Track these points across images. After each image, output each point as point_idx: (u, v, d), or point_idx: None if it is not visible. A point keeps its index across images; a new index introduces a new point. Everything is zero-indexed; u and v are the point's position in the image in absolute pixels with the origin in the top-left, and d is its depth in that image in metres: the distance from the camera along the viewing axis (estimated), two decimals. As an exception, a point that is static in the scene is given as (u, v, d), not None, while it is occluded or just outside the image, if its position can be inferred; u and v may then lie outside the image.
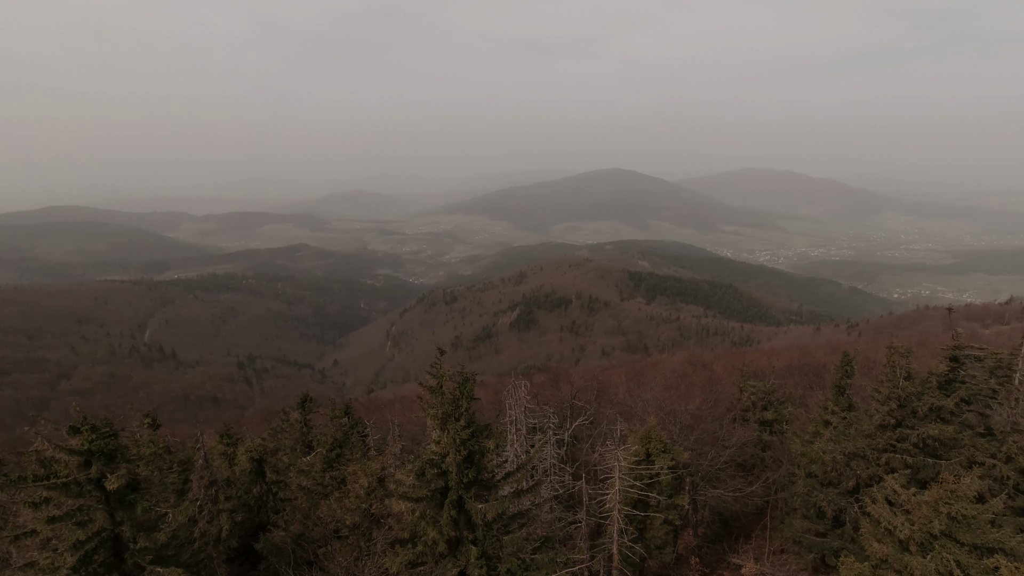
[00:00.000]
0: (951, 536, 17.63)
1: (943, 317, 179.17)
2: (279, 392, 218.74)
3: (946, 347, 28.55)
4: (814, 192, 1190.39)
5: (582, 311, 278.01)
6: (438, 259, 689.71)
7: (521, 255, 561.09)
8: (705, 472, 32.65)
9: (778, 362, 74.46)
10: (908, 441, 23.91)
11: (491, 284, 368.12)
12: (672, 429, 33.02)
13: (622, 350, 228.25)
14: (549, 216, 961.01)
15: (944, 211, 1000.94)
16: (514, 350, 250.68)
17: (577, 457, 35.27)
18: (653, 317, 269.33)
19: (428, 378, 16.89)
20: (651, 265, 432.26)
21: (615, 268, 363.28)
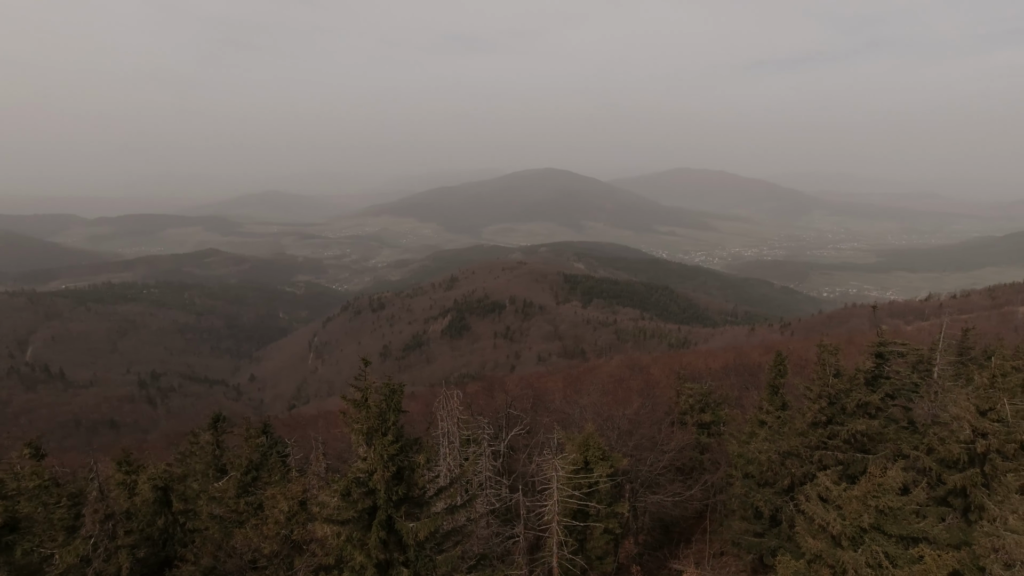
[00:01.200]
0: (879, 529, 18.80)
1: (869, 315, 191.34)
2: (188, 412, 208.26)
3: (871, 344, 30.47)
4: (747, 192, 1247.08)
5: (517, 316, 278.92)
6: (363, 264, 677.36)
7: (452, 259, 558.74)
8: (644, 478, 33.43)
9: (715, 363, 77.30)
10: (839, 437, 25.33)
11: (421, 289, 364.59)
12: (610, 435, 33.63)
13: (559, 355, 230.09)
14: (481, 218, 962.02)
15: (868, 211, 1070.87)
16: (446, 358, 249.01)
17: (514, 468, 35.33)
18: (590, 321, 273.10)
19: (352, 391, 16.51)
20: (587, 267, 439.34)
21: (550, 271, 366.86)
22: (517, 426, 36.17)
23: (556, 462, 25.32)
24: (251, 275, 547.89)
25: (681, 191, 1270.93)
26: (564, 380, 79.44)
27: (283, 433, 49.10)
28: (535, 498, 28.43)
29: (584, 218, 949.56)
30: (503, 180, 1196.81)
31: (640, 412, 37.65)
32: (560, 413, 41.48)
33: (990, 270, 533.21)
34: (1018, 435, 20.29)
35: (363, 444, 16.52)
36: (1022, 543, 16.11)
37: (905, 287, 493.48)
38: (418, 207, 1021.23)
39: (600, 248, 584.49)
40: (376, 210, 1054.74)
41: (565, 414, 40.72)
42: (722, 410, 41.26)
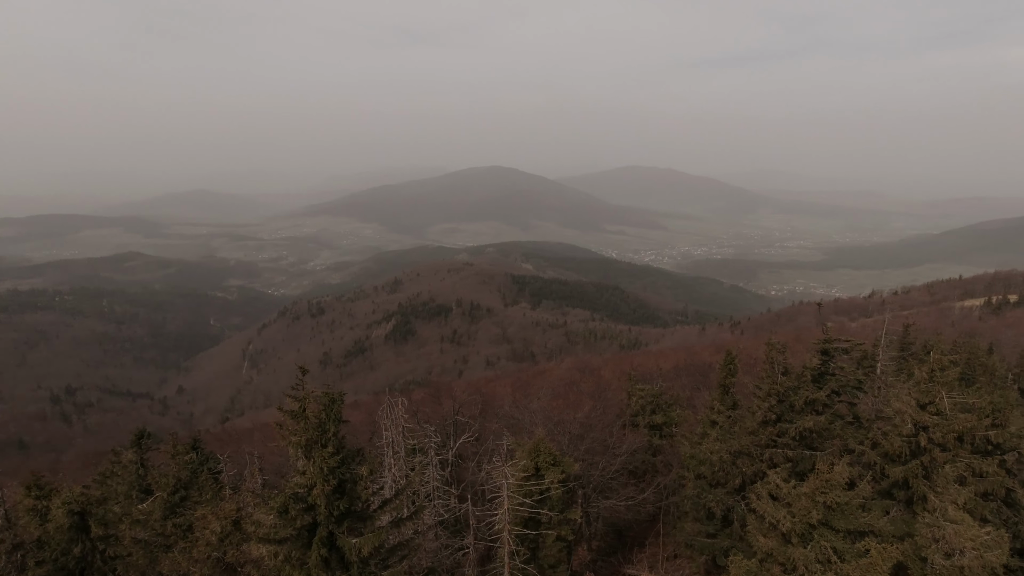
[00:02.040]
0: (828, 524, 19.58)
1: (816, 312, 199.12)
2: (108, 429, 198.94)
3: (817, 341, 31.72)
4: (695, 190, 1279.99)
5: (464, 319, 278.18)
6: (301, 267, 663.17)
7: (395, 260, 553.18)
8: (597, 482, 33.83)
9: (666, 364, 78.86)
10: (787, 435, 26.25)
11: (363, 293, 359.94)
12: (561, 440, 33.88)
13: (508, 359, 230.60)
14: (425, 217, 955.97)
15: (812, 209, 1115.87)
16: (391, 365, 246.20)
17: (463, 477, 35.21)
18: (539, 323, 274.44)
19: (289, 401, 16.13)
20: (535, 268, 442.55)
21: (498, 272, 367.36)
22: (465, 433, 36.08)
23: (506, 469, 25.34)
24: (178, 280, 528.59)
25: (630, 189, 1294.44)
26: (513, 384, 79.66)
27: (215, 448, 47.55)
28: (485, 507, 28.38)
29: (532, 217, 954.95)
30: (448, 178, 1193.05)
31: (591, 415, 38.07)
32: (509, 418, 41.56)
33: (928, 266, 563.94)
34: (955, 427, 21.47)
35: (301, 457, 16.16)
36: (961, 532, 17.07)
37: (849, 284, 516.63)
38: (359, 207, 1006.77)
39: (548, 248, 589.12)
40: (314, 210, 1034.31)
41: (515, 419, 40.82)
42: (674, 411, 42.14)
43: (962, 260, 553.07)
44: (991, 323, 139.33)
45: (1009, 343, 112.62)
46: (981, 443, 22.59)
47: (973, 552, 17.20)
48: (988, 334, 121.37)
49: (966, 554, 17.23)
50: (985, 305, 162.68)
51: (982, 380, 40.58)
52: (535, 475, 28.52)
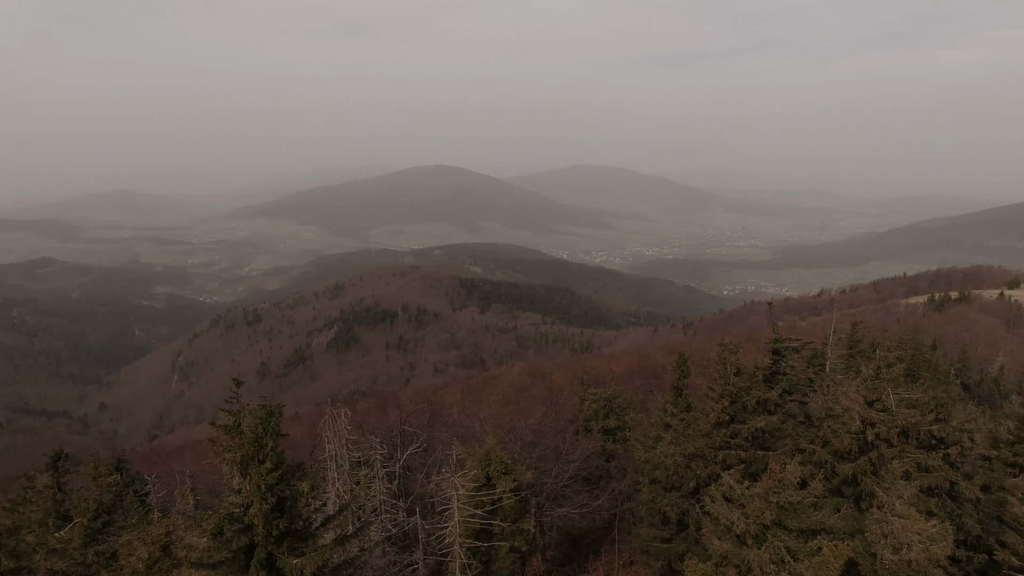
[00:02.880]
0: (781, 524, 20.21)
1: (767, 312, 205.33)
2: (20, 452, 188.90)
3: (769, 341, 32.74)
4: (646, 189, 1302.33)
5: (410, 325, 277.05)
6: (236, 272, 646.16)
7: (337, 264, 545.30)
8: (550, 491, 34.03)
9: (619, 367, 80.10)
10: (741, 436, 27.00)
11: (303, 299, 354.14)
12: (513, 448, 33.98)
13: (456, 365, 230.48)
14: (368, 219, 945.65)
15: (762, 208, 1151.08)
16: (333, 374, 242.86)
17: (411, 490, 34.94)
18: (488, 327, 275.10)
19: (222, 415, 15.70)
20: (484, 271, 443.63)
21: (445, 275, 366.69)
22: (413, 444, 35.80)
23: (456, 480, 25.26)
24: (98, 288, 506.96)
25: (580, 189, 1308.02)
26: (463, 391, 79.61)
27: (142, 468, 45.88)
28: (435, 520, 28.24)
29: (480, 218, 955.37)
30: (392, 178, 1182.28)
31: (543, 421, 38.31)
32: (459, 427, 41.48)
33: (874, 264, 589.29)
34: (901, 423, 22.50)
35: (237, 475, 15.75)
36: (908, 527, 17.89)
37: (799, 283, 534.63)
38: (297, 208, 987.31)
39: (497, 250, 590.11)
40: (249, 211, 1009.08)
41: (464, 428, 40.76)
42: (627, 415, 42.72)
43: (906, 258, 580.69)
44: (934, 320, 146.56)
45: (951, 339, 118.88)
46: (926, 438, 23.74)
47: (920, 546, 18.06)
48: (932, 330, 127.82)
49: (913, 548, 18.08)
50: (928, 302, 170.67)
51: (926, 376, 42.61)
52: (486, 485, 28.51)
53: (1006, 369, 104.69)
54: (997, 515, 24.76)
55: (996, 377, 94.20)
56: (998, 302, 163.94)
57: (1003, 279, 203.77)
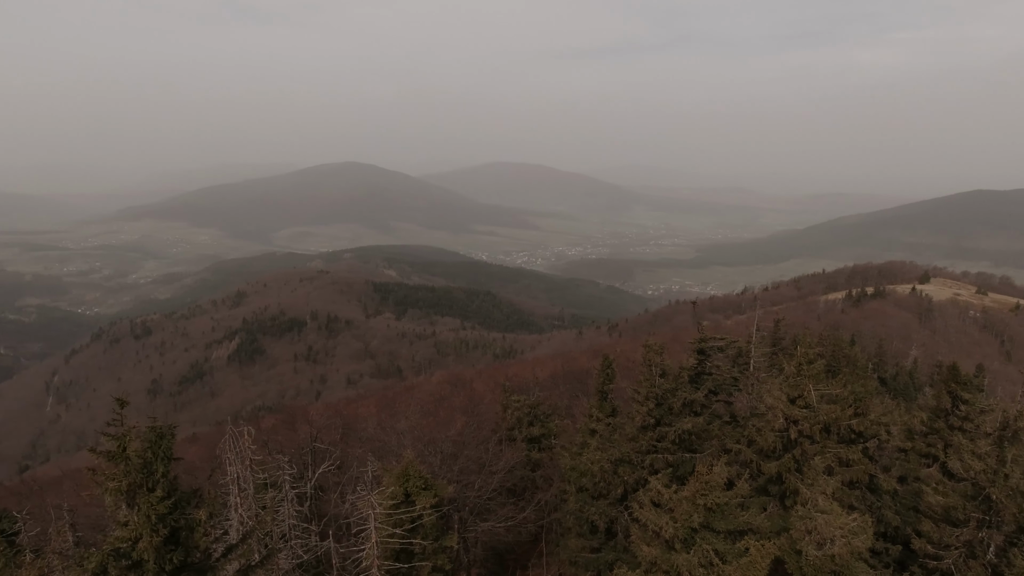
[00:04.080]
0: (709, 527, 20.94)
1: (692, 311, 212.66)
2: None
3: (693, 341, 33.91)
4: (567, 187, 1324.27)
5: (320, 334, 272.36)
6: (120, 280, 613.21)
7: (237, 270, 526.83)
8: (473, 504, 34.00)
9: (542, 372, 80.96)
10: (667, 439, 27.81)
11: (199, 308, 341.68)
12: (433, 461, 33.79)
13: (371, 376, 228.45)
14: (271, 220, 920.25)
15: (685, 206, 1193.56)
16: (235, 389, 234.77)
17: (324, 511, 34.28)
18: (405, 334, 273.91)
19: (105, 440, 14.84)
20: (399, 274, 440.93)
21: (357, 280, 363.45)
22: (325, 462, 35.05)
23: (372, 498, 24.85)
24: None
25: (499, 187, 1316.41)
26: (378, 403, 78.69)
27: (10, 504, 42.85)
28: (350, 543, 27.69)
29: (393, 218, 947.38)
30: (296, 176, 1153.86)
31: (465, 432, 38.28)
32: (375, 441, 40.94)
33: (795, 261, 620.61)
34: (822, 418, 23.77)
35: (123, 506, 14.93)
36: (830, 522, 18.92)
37: (723, 281, 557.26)
38: (191, 209, 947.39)
39: (413, 252, 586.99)
40: (134, 213, 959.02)
41: (381, 442, 40.26)
42: (552, 422, 43.22)
43: (825, 254, 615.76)
44: (852, 315, 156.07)
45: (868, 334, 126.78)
46: (846, 432, 25.17)
47: (842, 540, 19.12)
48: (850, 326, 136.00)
49: (836, 543, 19.12)
50: (847, 298, 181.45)
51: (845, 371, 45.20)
52: (405, 502, 28.17)
53: (919, 362, 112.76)
54: (913, 505, 26.50)
55: (910, 370, 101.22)
56: (910, 297, 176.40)
57: (914, 274, 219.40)
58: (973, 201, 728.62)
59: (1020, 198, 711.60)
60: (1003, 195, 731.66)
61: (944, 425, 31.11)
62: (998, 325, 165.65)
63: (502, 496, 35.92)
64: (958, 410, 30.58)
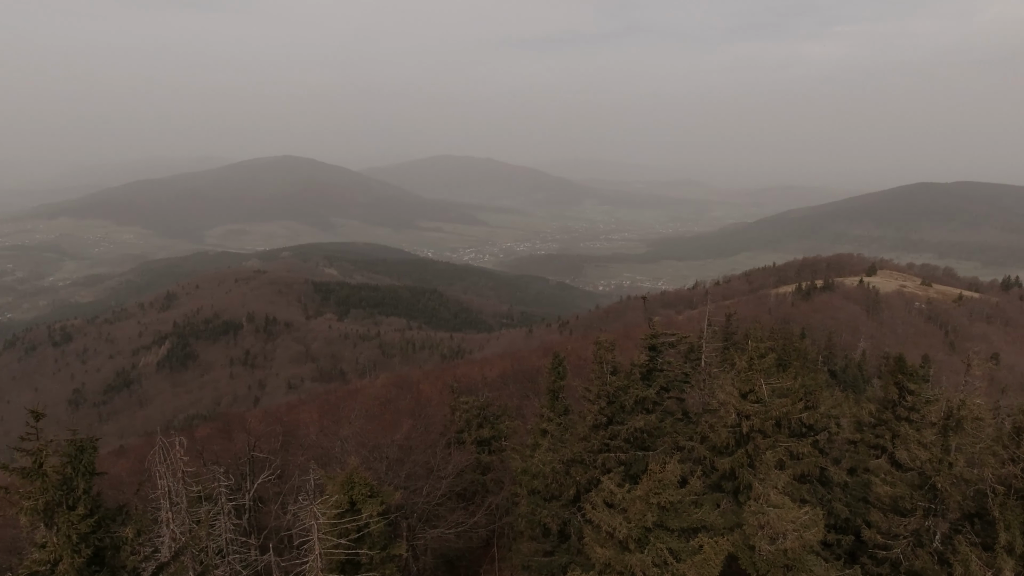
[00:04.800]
0: (663, 525, 21.28)
1: (643, 307, 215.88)
2: None
3: (644, 337, 34.39)
4: (515, 181, 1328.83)
5: (258, 337, 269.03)
6: (36, 283, 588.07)
7: (166, 270, 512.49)
8: (422, 511, 33.84)
9: (491, 372, 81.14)
10: (620, 437, 28.15)
11: (125, 312, 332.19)
12: (379, 467, 33.52)
13: (313, 380, 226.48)
14: (202, 218, 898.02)
15: (635, 200, 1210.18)
16: (167, 398, 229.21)
17: (264, 524, 33.71)
18: (348, 335, 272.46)
19: (19, 456, 14.22)
20: (341, 273, 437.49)
21: (296, 279, 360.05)
22: (265, 471, 34.42)
23: (315, 508, 24.46)
24: None
25: (444, 181, 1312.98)
26: (320, 408, 77.79)
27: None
28: (292, 555, 27.29)
29: (334, 214, 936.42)
30: (229, 170, 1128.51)
31: (411, 436, 38.11)
32: (317, 449, 40.48)
33: (745, 255, 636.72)
34: (773, 413, 24.43)
35: (41, 526, 14.35)
36: (782, 516, 19.47)
37: (674, 276, 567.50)
38: (113, 206, 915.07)
39: (355, 249, 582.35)
40: (50, 210, 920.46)
41: (323, 449, 39.82)
42: (502, 423, 43.33)
43: (775, 247, 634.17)
44: (802, 308, 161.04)
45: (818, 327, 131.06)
46: (797, 426, 25.93)
47: (794, 534, 19.70)
48: (800, 319, 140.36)
49: (788, 537, 19.69)
50: (797, 292, 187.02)
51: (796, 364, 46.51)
52: (350, 511, 27.84)
53: (867, 354, 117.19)
54: (863, 496, 27.49)
55: (859, 362, 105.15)
56: (858, 289, 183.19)
57: (862, 266, 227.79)
58: (917, 194, 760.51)
59: (962, 191, 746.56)
60: (945, 187, 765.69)
61: (891, 416, 32.34)
62: (942, 316, 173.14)
63: (452, 501, 35.85)
64: (905, 401, 31.84)
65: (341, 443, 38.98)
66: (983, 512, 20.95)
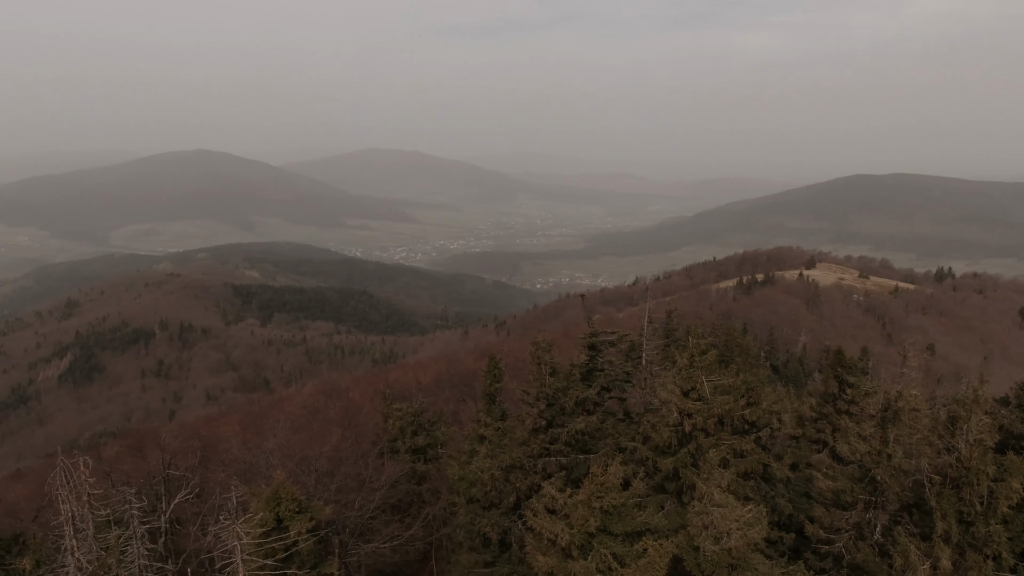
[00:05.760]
0: (606, 530, 21.61)
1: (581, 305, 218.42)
2: None
3: (584, 336, 34.80)
4: (447, 175, 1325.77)
5: (172, 345, 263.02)
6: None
7: (66, 275, 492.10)
8: (354, 525, 33.50)
9: (426, 377, 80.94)
10: (560, 440, 28.42)
11: (21, 322, 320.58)
12: (307, 481, 33.06)
13: (234, 390, 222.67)
14: (107, 217, 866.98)
15: (572, 194, 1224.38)
16: (70, 414, 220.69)
17: (182, 547, 32.79)
18: (272, 342, 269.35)
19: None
20: (262, 275, 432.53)
21: (214, 283, 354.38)
22: (182, 491, 33.47)
23: (238, 527, 23.93)
24: None
25: (372, 176, 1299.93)
26: (243, 420, 76.37)
27: None
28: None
29: (253, 213, 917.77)
30: (136, 166, 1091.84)
31: (342, 446, 37.78)
32: (240, 463, 39.62)
33: (686, 249, 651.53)
34: (716, 410, 25.08)
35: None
36: (726, 515, 20.04)
37: (614, 272, 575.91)
38: (5, 205, 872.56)
39: (278, 249, 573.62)
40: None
41: (247, 464, 39.01)
42: (438, 430, 43.27)
43: (715, 241, 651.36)
44: (744, 303, 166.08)
45: (759, 321, 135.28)
46: (739, 423, 26.68)
47: (738, 532, 20.29)
48: (742, 314, 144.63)
49: (732, 536, 20.27)
50: (737, 286, 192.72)
51: (738, 360, 47.86)
52: (277, 528, 27.35)
53: (808, 348, 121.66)
54: (805, 492, 28.51)
55: (800, 356, 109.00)
56: (798, 282, 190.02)
57: (801, 260, 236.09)
58: (853, 186, 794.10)
59: (896, 183, 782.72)
60: (880, 179, 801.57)
61: (832, 410, 33.65)
62: (880, 308, 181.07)
63: (386, 514, 35.60)
64: (844, 394, 33.18)
65: (266, 456, 38.28)
66: (921, 502, 21.98)
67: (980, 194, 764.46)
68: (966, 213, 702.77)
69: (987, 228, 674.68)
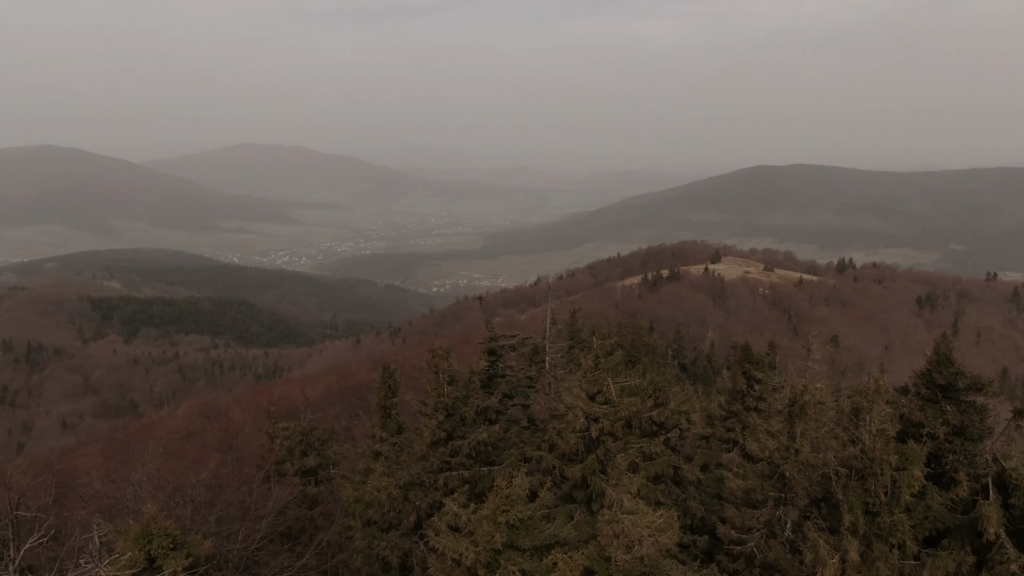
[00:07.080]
0: (514, 545, 21.71)
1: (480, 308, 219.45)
2: None
3: (483, 340, 34.93)
4: (332, 172, 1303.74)
5: (18, 368, 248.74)
6: None
7: None
8: (239, 559, 32.39)
9: (315, 391, 79.35)
10: (462, 453, 28.40)
11: None
12: (183, 513, 31.74)
13: (95, 416, 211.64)
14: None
15: (468, 190, 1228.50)
16: None
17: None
18: (139, 360, 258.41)
19: None
20: (125, 286, 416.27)
21: (67, 296, 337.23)
22: (34, 534, 31.38)
23: (102, 570, 22.71)
24: None
25: (248, 174, 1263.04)
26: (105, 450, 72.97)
27: None
28: (76, 632, 25.13)
29: (112, 216, 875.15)
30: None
31: (222, 472, 36.56)
32: (103, 498, 37.60)
33: (589, 246, 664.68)
34: (623, 413, 25.67)
35: None
36: (637, 522, 20.50)
37: (515, 272, 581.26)
38: None
39: (142, 257, 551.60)
40: None
41: (111, 499, 37.03)
42: (330, 448, 42.49)
43: (618, 236, 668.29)
44: (649, 300, 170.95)
45: (666, 319, 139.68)
46: (647, 425, 27.41)
47: (650, 539, 20.80)
48: (648, 312, 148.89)
49: (644, 543, 20.76)
50: (643, 283, 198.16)
51: (645, 360, 49.29)
52: (149, 568, 26.12)
53: (716, 344, 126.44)
54: (717, 492, 29.57)
55: (708, 354, 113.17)
56: (704, 277, 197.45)
57: (706, 254, 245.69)
58: (754, 177, 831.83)
59: (796, 173, 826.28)
60: (781, 170, 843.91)
61: (741, 407, 35.06)
62: (785, 301, 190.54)
63: (275, 543, 34.62)
64: (752, 390, 34.62)
65: (134, 489, 36.48)
66: (828, 496, 23.17)
67: (878, 184, 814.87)
68: (864, 203, 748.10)
69: (884, 218, 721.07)
